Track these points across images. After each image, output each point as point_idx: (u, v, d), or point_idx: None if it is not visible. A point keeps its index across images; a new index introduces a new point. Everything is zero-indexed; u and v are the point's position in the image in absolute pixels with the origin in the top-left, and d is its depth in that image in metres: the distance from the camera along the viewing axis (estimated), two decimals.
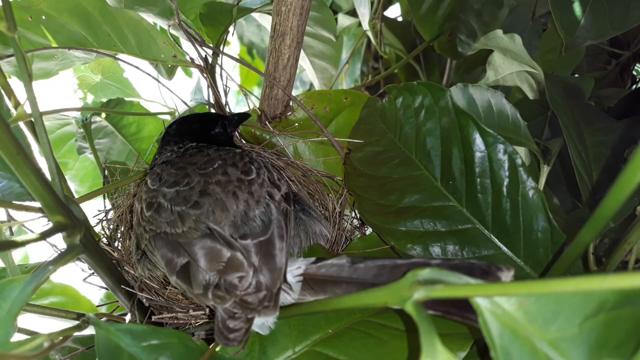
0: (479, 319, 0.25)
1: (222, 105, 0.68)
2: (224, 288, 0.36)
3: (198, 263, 0.38)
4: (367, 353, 0.39)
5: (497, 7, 0.85)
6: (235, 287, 0.36)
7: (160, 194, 0.45)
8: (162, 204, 0.44)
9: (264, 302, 0.36)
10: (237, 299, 0.36)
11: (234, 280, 0.37)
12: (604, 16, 0.62)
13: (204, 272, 0.37)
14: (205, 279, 0.37)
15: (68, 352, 0.53)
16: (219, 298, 0.36)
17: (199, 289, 0.37)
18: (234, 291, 0.36)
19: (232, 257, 0.38)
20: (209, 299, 0.37)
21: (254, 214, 0.43)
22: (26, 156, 0.31)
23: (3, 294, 0.31)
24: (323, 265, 0.39)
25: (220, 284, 0.37)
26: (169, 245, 0.41)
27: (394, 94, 0.56)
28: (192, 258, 0.39)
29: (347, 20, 1.19)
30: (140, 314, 0.49)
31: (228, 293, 0.36)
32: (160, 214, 0.43)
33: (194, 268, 0.38)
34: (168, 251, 0.41)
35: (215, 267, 0.37)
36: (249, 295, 0.36)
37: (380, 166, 0.54)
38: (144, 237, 0.45)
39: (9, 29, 0.34)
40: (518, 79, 0.79)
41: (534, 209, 0.45)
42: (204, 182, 0.45)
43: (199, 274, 0.38)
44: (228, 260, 0.38)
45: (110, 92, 0.92)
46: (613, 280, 0.21)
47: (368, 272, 0.36)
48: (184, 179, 0.46)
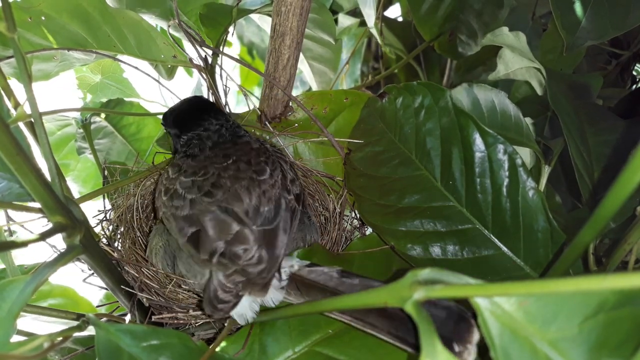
0: (478, 319, 0.25)
1: (222, 106, 0.68)
2: (228, 256, 0.40)
3: (207, 232, 0.41)
4: (367, 353, 0.39)
5: (497, 7, 0.85)
6: (239, 257, 0.40)
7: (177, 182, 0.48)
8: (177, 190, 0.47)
9: (262, 274, 0.39)
10: (238, 268, 0.39)
11: (238, 251, 0.40)
12: (604, 16, 0.62)
13: (212, 240, 0.41)
14: (212, 246, 0.40)
15: (68, 353, 0.53)
16: (222, 265, 0.40)
17: (205, 254, 0.40)
18: (236, 260, 0.39)
19: (240, 230, 0.41)
20: (213, 264, 0.40)
21: (264, 210, 0.45)
22: (26, 157, 0.31)
23: (3, 294, 0.31)
24: (314, 271, 0.41)
25: (225, 253, 0.40)
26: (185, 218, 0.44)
27: (394, 94, 0.56)
28: (203, 227, 0.42)
29: (347, 20, 1.19)
30: (140, 314, 0.49)
31: (231, 261, 0.39)
32: (173, 199, 0.46)
33: (204, 235, 0.41)
34: (182, 220, 0.44)
35: (223, 237, 0.41)
36: (249, 266, 0.39)
37: (380, 166, 0.54)
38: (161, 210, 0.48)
39: (9, 29, 0.34)
40: (527, 74, 0.78)
41: (534, 209, 0.45)
42: (217, 175, 0.48)
43: (207, 241, 0.41)
44: (236, 233, 0.41)
45: (110, 93, 0.92)
46: (613, 281, 0.21)
47: (352, 288, 0.38)
48: (201, 171, 0.49)
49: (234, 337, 0.41)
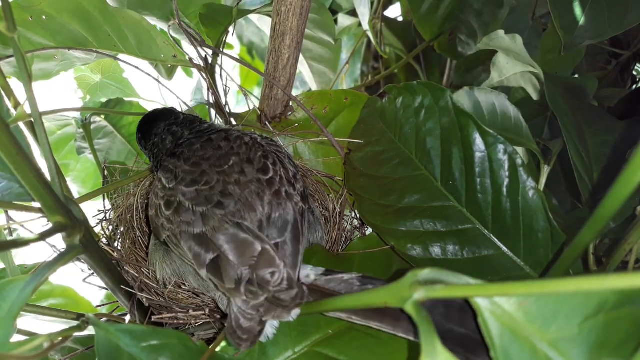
0: (478, 319, 0.25)
1: (222, 106, 0.68)
2: (256, 283, 0.36)
3: (228, 257, 0.37)
4: (367, 353, 0.39)
5: (497, 7, 0.85)
6: (268, 282, 0.36)
7: (179, 192, 0.44)
8: (182, 203, 0.43)
9: (296, 299, 0.36)
10: (269, 295, 0.36)
11: (266, 276, 0.36)
12: (603, 16, 0.62)
13: (235, 266, 0.37)
14: (237, 273, 0.37)
15: (68, 353, 0.53)
16: (252, 293, 0.36)
17: (230, 284, 0.36)
18: (266, 287, 0.36)
19: (264, 251, 0.37)
20: (242, 294, 0.36)
21: (276, 216, 0.43)
22: (26, 156, 0.31)
23: (3, 294, 0.31)
24: (333, 280, 0.39)
25: (252, 279, 0.36)
26: (196, 238, 0.40)
27: (394, 94, 0.56)
28: (221, 252, 0.38)
29: (347, 20, 1.19)
30: (140, 314, 0.49)
31: (261, 289, 0.36)
32: (180, 214, 0.43)
33: (225, 262, 0.37)
34: (195, 244, 0.40)
35: (247, 262, 0.37)
36: (281, 292, 0.36)
37: (380, 166, 0.54)
38: (166, 229, 0.44)
39: (9, 29, 0.34)
40: (522, 79, 0.79)
41: (534, 209, 0.45)
42: (223, 181, 0.45)
43: (230, 268, 0.37)
44: (260, 255, 0.37)
45: (110, 92, 0.92)
46: (613, 281, 0.21)
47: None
48: (202, 178, 0.45)
49: None
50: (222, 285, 0.37)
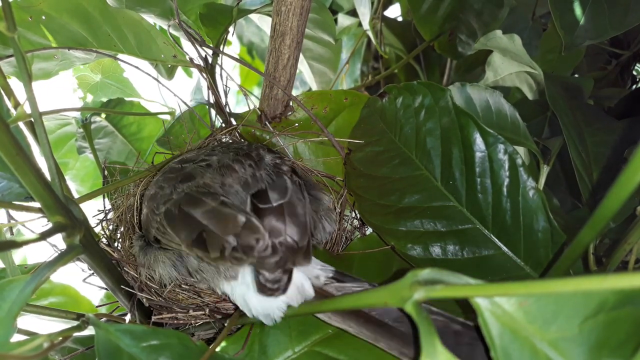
0: (478, 319, 0.25)
1: (222, 106, 0.68)
2: (241, 250, 0.37)
3: (214, 229, 0.38)
4: (367, 353, 0.39)
5: (497, 7, 0.85)
6: (252, 248, 0.37)
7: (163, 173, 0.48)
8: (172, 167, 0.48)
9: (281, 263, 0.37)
10: (254, 260, 0.37)
11: (251, 242, 0.37)
12: (603, 16, 0.62)
13: (220, 237, 0.38)
14: (221, 243, 0.37)
15: (68, 353, 0.53)
16: (236, 259, 0.37)
17: (215, 253, 0.37)
18: (250, 252, 0.36)
19: (248, 221, 0.38)
20: (227, 260, 0.37)
21: (261, 175, 0.44)
22: (26, 156, 0.31)
23: (3, 294, 0.31)
24: (344, 288, 0.39)
25: (237, 247, 0.37)
26: (181, 219, 0.41)
27: (394, 94, 0.56)
28: (205, 227, 0.39)
29: (347, 20, 1.19)
30: (140, 314, 0.49)
31: (245, 254, 0.37)
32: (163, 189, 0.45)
33: (210, 235, 0.38)
34: (181, 226, 0.41)
35: (231, 231, 0.38)
36: (265, 257, 0.36)
37: (381, 166, 0.54)
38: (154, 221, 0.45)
39: (9, 29, 0.34)
40: (517, 79, 0.79)
41: (535, 209, 0.45)
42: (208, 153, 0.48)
43: (214, 239, 0.38)
44: (244, 225, 0.38)
45: (110, 92, 0.92)
46: (613, 281, 0.21)
47: (390, 313, 0.37)
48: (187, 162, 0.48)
49: (234, 337, 0.41)
50: (207, 255, 0.38)
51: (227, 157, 0.48)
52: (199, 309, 0.47)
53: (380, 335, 0.37)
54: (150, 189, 0.49)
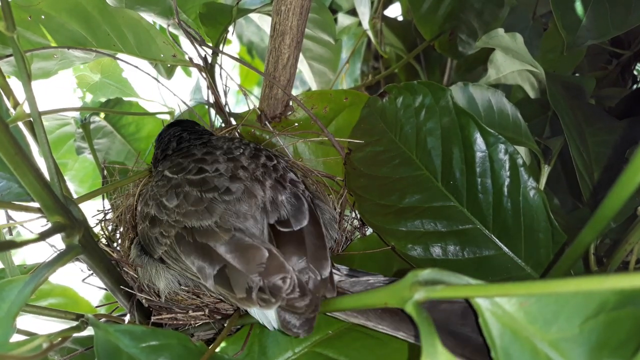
0: (479, 320, 0.25)
1: (222, 105, 0.67)
2: (268, 291, 0.35)
3: (236, 266, 0.36)
4: (367, 354, 0.39)
5: (497, 7, 0.85)
6: (280, 289, 0.35)
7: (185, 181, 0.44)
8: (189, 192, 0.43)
9: (311, 307, 0.35)
10: (282, 302, 0.35)
11: (277, 282, 0.35)
12: (605, 16, 0.62)
13: (244, 275, 0.36)
14: (247, 282, 0.35)
15: (67, 353, 0.53)
16: (264, 301, 0.35)
17: (241, 293, 0.35)
18: (279, 294, 0.35)
19: (272, 256, 0.36)
20: (255, 302, 0.35)
21: (282, 199, 0.43)
22: (25, 156, 0.31)
23: (2, 294, 0.31)
24: (358, 283, 0.38)
25: (264, 287, 0.35)
26: (198, 249, 0.39)
27: (395, 94, 0.56)
28: (227, 262, 0.37)
29: (347, 19, 1.19)
30: (139, 315, 0.49)
31: (273, 296, 0.35)
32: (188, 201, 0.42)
33: (233, 272, 0.36)
34: (198, 256, 0.38)
35: (256, 270, 0.36)
36: (294, 300, 0.35)
37: (381, 166, 0.54)
38: (162, 243, 0.43)
39: (8, 28, 0.34)
40: (519, 77, 0.78)
41: (535, 209, 0.45)
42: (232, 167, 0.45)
43: (239, 277, 0.36)
44: (268, 260, 0.36)
45: (109, 92, 0.92)
46: (614, 281, 0.21)
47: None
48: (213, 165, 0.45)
49: (234, 337, 0.41)
50: (233, 295, 0.36)
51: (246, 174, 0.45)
52: (199, 310, 0.47)
53: (399, 324, 0.35)
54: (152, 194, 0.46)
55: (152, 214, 0.45)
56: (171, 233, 0.42)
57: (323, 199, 0.52)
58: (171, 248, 0.42)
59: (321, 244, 0.39)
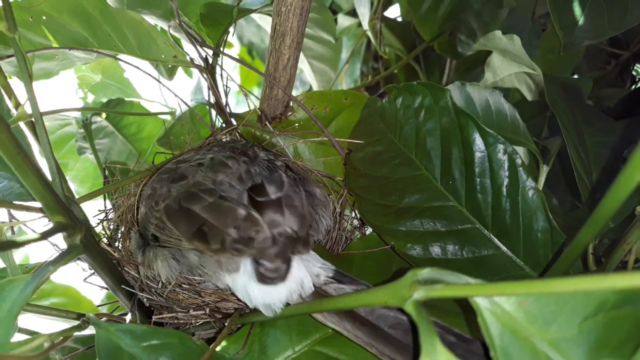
0: (478, 319, 0.25)
1: (222, 106, 0.68)
2: (241, 241, 0.37)
3: (214, 222, 0.39)
4: (366, 353, 0.39)
5: (497, 7, 0.86)
6: (252, 239, 0.37)
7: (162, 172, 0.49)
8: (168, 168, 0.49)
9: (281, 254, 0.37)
10: (254, 251, 0.37)
11: (251, 234, 0.37)
12: (602, 16, 0.62)
13: (220, 229, 0.38)
14: (222, 235, 0.38)
15: (68, 352, 0.53)
16: (237, 250, 0.37)
17: (216, 244, 0.38)
18: (251, 244, 0.37)
19: (248, 214, 0.38)
20: (227, 251, 0.37)
21: (255, 170, 0.45)
22: (26, 156, 0.31)
23: (3, 294, 0.31)
24: (342, 290, 0.39)
25: (237, 238, 0.37)
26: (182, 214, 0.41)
27: (394, 94, 0.56)
28: (206, 219, 0.39)
29: (347, 20, 1.19)
30: (140, 314, 0.49)
31: (245, 245, 0.37)
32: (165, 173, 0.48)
33: (210, 227, 0.39)
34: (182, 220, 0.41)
35: (231, 224, 0.38)
36: (265, 248, 0.37)
37: (381, 166, 0.54)
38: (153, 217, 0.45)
39: (9, 29, 0.34)
40: (517, 80, 0.79)
41: (534, 209, 0.45)
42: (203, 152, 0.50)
43: (215, 231, 0.38)
44: (244, 218, 0.38)
45: (110, 92, 0.92)
46: (612, 280, 0.21)
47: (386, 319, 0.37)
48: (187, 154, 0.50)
49: (234, 336, 0.41)
50: (208, 246, 0.38)
51: (221, 154, 0.48)
52: (199, 309, 0.47)
53: (374, 340, 0.37)
54: (147, 189, 0.50)
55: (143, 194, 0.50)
56: (160, 206, 0.44)
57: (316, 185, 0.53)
58: (160, 220, 0.44)
59: (299, 212, 0.40)
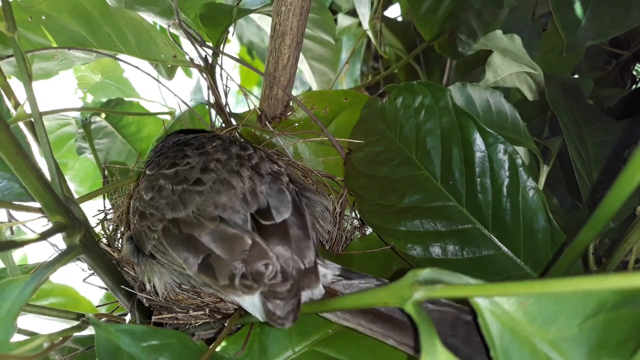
0: (478, 319, 0.25)
1: (222, 106, 0.68)
2: (250, 277, 0.35)
3: (219, 255, 0.37)
4: (367, 353, 0.39)
5: (497, 7, 0.86)
6: (262, 275, 0.35)
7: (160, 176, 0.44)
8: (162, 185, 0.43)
9: (292, 292, 0.35)
10: (264, 288, 0.35)
11: (260, 268, 0.35)
12: (604, 16, 0.62)
13: (227, 262, 0.36)
14: (230, 269, 0.36)
15: (68, 353, 0.53)
16: (247, 287, 0.35)
17: (224, 280, 0.36)
18: (261, 280, 0.35)
19: (255, 244, 0.37)
20: (237, 289, 0.35)
21: (261, 190, 0.43)
22: (26, 156, 0.31)
23: (3, 294, 0.31)
24: (351, 285, 0.38)
25: (246, 273, 0.35)
26: (183, 242, 0.39)
27: (394, 94, 0.56)
28: (211, 251, 0.37)
29: (347, 20, 1.19)
30: (140, 314, 0.49)
31: (255, 282, 0.35)
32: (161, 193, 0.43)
33: (216, 260, 0.37)
34: (184, 248, 0.39)
35: (238, 257, 0.36)
36: (276, 285, 0.35)
37: (381, 166, 0.54)
38: (150, 237, 0.43)
39: (9, 29, 0.34)
40: (517, 80, 0.79)
41: (534, 209, 0.45)
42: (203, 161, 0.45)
43: (222, 265, 0.36)
44: (251, 248, 0.36)
45: (110, 92, 0.92)
46: (613, 280, 0.21)
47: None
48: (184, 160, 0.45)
49: (234, 337, 0.41)
50: (216, 282, 0.36)
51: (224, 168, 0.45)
52: (199, 309, 0.47)
53: (390, 331, 0.35)
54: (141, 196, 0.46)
55: (136, 206, 0.46)
56: (158, 227, 0.42)
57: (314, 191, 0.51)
58: (159, 242, 0.42)
59: (305, 235, 0.39)
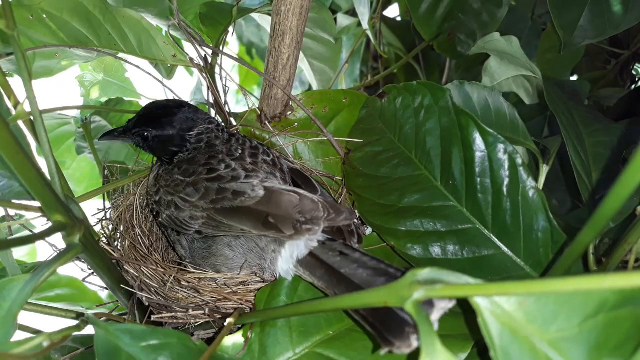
0: (478, 319, 0.25)
1: (222, 105, 0.68)
2: (311, 223, 0.43)
3: (278, 213, 0.44)
4: (367, 354, 0.39)
5: (496, 7, 0.85)
6: (319, 217, 0.43)
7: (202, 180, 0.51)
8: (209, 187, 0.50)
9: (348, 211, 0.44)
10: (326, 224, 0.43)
11: (316, 214, 0.43)
12: (602, 16, 0.62)
13: (287, 218, 0.43)
14: (291, 222, 0.43)
15: (68, 352, 0.53)
16: (310, 231, 0.43)
17: (290, 231, 0.43)
18: (318, 221, 0.43)
19: (302, 196, 0.44)
20: (303, 234, 0.43)
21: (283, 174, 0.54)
22: (26, 155, 0.31)
23: (3, 293, 0.31)
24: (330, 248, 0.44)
25: (307, 221, 0.43)
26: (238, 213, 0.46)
27: (394, 94, 0.56)
28: (270, 212, 0.44)
29: (346, 20, 1.19)
30: (139, 314, 0.49)
31: (316, 224, 0.43)
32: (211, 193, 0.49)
33: (277, 218, 0.44)
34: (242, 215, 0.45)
35: (295, 211, 0.44)
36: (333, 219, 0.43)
37: (380, 166, 0.54)
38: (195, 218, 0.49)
39: (9, 26, 0.34)
40: (514, 84, 0.78)
41: (535, 209, 0.45)
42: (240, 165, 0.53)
43: (284, 221, 0.43)
44: (300, 202, 0.44)
45: (112, 92, 0.92)
46: (613, 280, 0.21)
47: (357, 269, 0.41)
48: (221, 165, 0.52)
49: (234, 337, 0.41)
50: (283, 235, 0.43)
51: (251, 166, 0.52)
52: (199, 309, 0.47)
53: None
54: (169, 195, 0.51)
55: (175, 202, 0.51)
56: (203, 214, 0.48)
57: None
58: (210, 218, 0.48)
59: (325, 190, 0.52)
